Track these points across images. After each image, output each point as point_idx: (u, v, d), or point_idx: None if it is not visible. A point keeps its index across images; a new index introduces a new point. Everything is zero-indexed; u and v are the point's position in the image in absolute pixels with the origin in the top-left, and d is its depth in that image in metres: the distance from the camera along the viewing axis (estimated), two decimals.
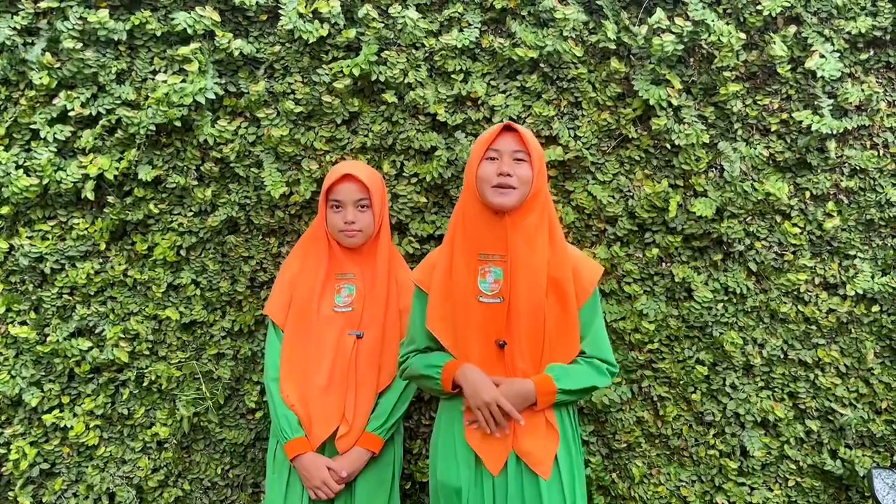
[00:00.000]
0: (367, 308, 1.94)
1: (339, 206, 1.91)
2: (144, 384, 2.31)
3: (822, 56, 2.16)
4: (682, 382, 2.31)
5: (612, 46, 2.16)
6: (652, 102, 2.16)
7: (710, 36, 2.12)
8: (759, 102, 2.23)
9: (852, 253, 2.27)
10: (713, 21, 2.11)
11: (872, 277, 2.26)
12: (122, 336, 2.29)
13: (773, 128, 2.23)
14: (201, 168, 2.24)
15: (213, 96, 2.14)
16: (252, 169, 2.24)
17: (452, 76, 2.21)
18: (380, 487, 1.92)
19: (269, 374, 1.93)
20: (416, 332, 1.80)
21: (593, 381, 1.71)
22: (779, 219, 2.26)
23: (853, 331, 2.29)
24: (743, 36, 2.13)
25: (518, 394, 1.65)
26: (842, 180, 2.25)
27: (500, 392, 1.63)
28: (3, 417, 2.32)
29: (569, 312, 1.70)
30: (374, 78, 2.17)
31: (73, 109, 2.16)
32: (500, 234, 1.66)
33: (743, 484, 2.34)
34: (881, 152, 2.26)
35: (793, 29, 2.17)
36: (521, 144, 1.66)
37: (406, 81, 2.19)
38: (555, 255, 1.70)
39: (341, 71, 2.16)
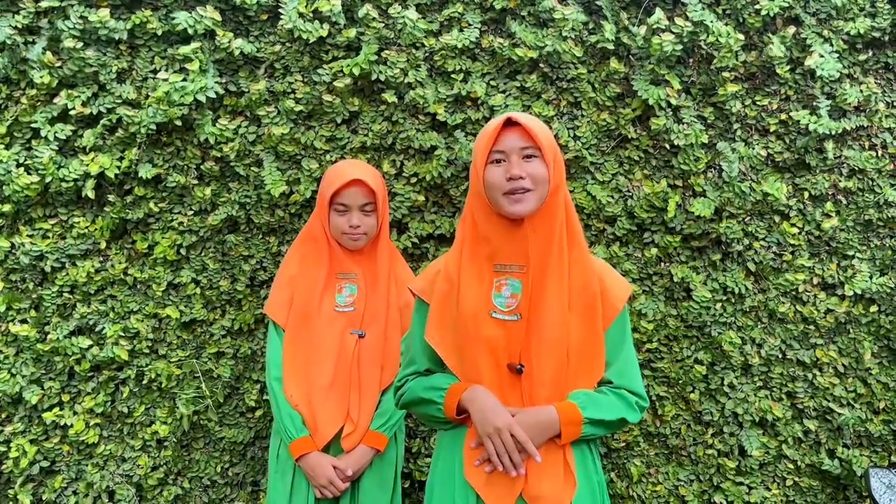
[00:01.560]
0: (368, 307, 1.94)
1: (345, 209, 1.90)
2: (144, 382, 2.31)
3: (820, 56, 2.17)
4: (680, 382, 2.31)
5: (612, 47, 2.16)
6: (651, 102, 2.16)
7: (709, 36, 2.13)
8: (758, 103, 2.24)
9: (850, 253, 2.28)
10: (712, 21, 2.12)
11: (871, 278, 2.27)
12: (122, 334, 2.29)
13: (772, 128, 2.24)
14: (201, 167, 2.25)
15: (214, 95, 2.15)
16: (252, 168, 2.24)
17: (452, 76, 2.21)
18: (383, 485, 1.93)
19: (271, 374, 1.92)
20: (416, 352, 1.56)
21: (623, 414, 1.44)
22: (777, 219, 2.27)
23: (851, 331, 2.30)
24: (742, 36, 2.13)
25: (538, 423, 1.39)
26: (840, 181, 2.26)
27: (515, 420, 1.38)
28: (4, 415, 2.32)
29: (594, 331, 1.45)
30: (374, 77, 2.18)
31: (73, 108, 2.16)
32: (518, 241, 1.43)
33: (741, 483, 2.34)
34: (880, 153, 2.27)
35: (792, 30, 2.18)
36: (529, 139, 1.41)
37: (406, 81, 2.20)
38: (578, 263, 1.46)
39: (341, 70, 2.16)
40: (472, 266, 1.46)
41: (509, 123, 1.43)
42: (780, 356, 2.31)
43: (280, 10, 2.13)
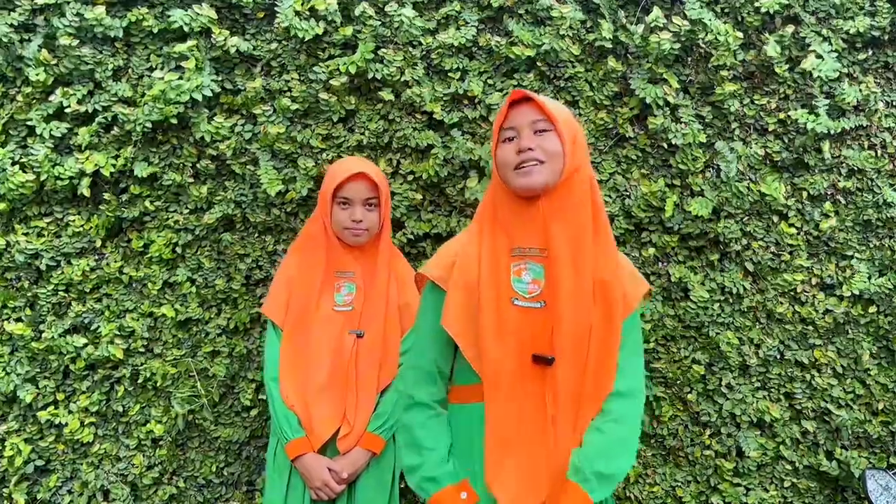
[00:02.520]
0: (367, 306, 1.93)
1: (348, 203, 1.89)
2: (139, 381, 2.31)
3: (819, 56, 2.16)
4: (678, 382, 2.30)
5: (609, 45, 2.16)
6: (649, 101, 2.15)
7: (707, 35, 2.12)
8: (756, 102, 2.23)
9: (849, 253, 2.27)
10: (710, 20, 2.11)
11: (869, 278, 2.26)
12: (118, 333, 2.29)
13: (771, 127, 2.23)
14: (197, 165, 2.24)
15: (210, 93, 2.14)
16: (248, 166, 2.24)
17: (449, 74, 2.21)
18: (380, 488, 1.91)
19: (268, 374, 1.91)
20: (425, 342, 1.45)
21: (631, 460, 1.35)
22: (775, 219, 2.26)
23: (850, 331, 2.29)
24: (740, 35, 2.12)
25: None
26: (839, 180, 2.25)
27: None
28: None
29: (613, 325, 1.36)
30: (370, 76, 2.17)
31: (69, 106, 2.16)
32: (536, 222, 1.35)
33: (738, 485, 2.33)
34: (879, 153, 2.25)
35: (791, 28, 2.17)
36: (540, 112, 1.33)
37: (403, 79, 2.19)
38: (605, 254, 1.38)
39: (338, 69, 2.15)
40: (491, 251, 1.38)
41: (519, 100, 1.36)
42: (779, 357, 2.30)
43: (276, 8, 2.13)
